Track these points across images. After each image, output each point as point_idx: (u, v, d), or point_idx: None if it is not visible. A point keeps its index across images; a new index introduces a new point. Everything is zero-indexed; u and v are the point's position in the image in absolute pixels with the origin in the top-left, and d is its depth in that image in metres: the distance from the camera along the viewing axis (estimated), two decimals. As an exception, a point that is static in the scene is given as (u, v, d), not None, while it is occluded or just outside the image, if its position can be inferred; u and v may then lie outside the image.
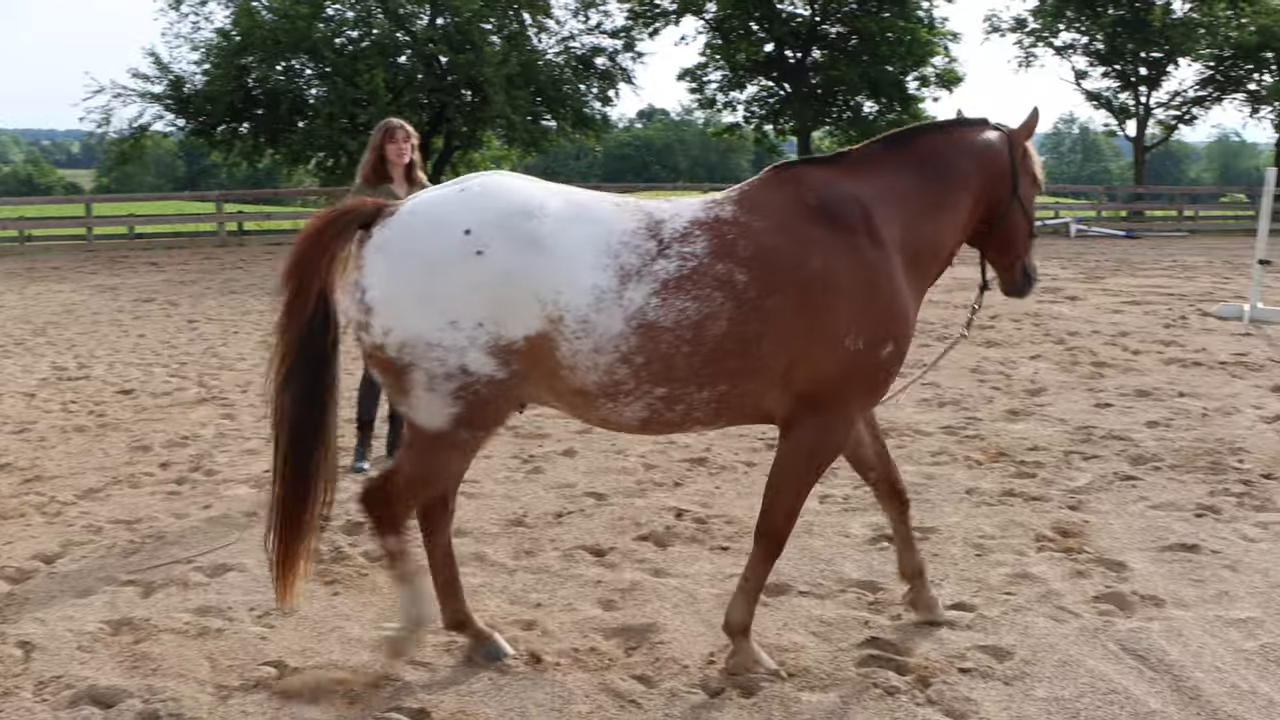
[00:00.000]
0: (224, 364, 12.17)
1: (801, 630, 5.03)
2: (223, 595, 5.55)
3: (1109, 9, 40.84)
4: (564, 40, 36.88)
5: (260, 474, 7.69)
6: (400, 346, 4.20)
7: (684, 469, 7.66)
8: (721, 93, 41.03)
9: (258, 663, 4.81)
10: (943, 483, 7.27)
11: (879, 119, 39.53)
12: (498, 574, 5.78)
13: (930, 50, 38.33)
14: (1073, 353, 12.01)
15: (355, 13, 34.30)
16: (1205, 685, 4.49)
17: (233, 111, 33.81)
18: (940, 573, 5.68)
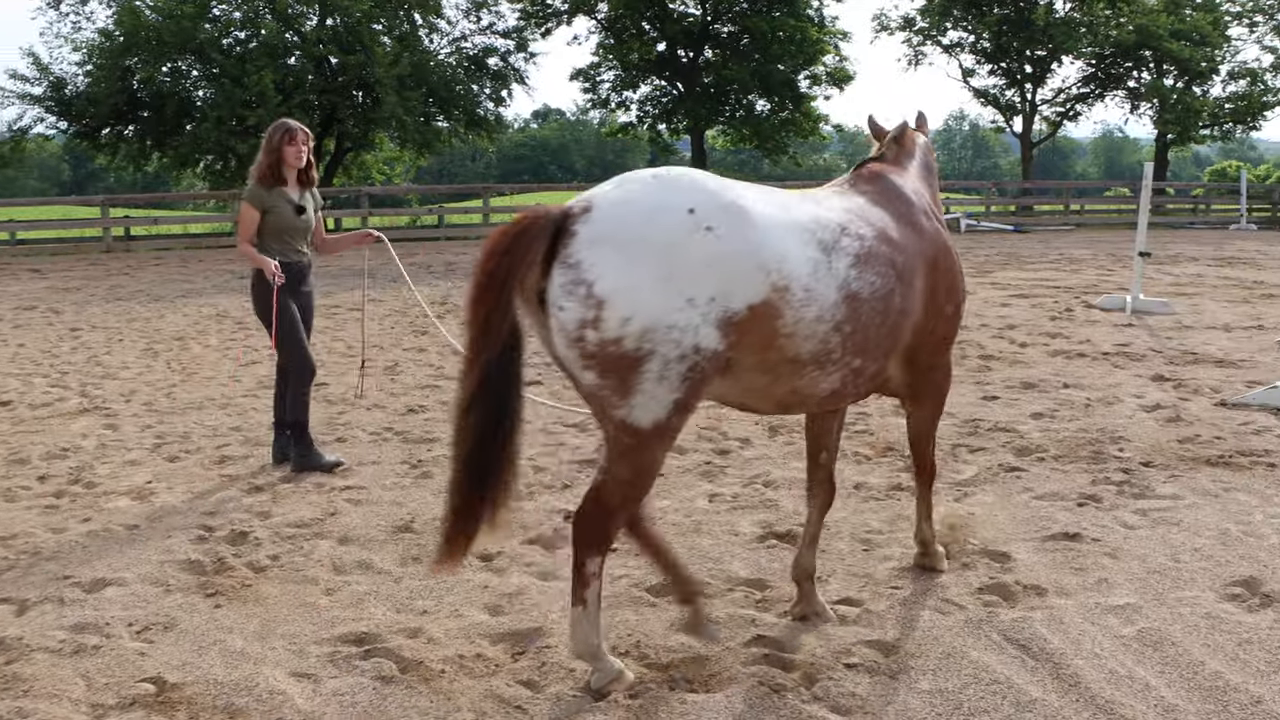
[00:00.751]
0: (108, 373, 11.88)
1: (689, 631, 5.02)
2: (100, 611, 5.39)
3: (994, 8, 41.67)
4: (456, 41, 36.73)
5: (142, 485, 7.50)
6: (642, 334, 4.06)
7: (572, 470, 7.63)
8: (615, 92, 41.08)
9: (135, 680, 4.68)
10: (832, 478, 7.32)
11: (771, 117, 39.87)
12: (384, 581, 5.70)
13: (821, 49, 38.73)
14: (960, 346, 12.19)
15: (242, 13, 33.75)
16: (1084, 672, 4.56)
17: (117, 114, 33.13)
18: (828, 568, 5.72)
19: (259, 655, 4.87)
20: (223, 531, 6.52)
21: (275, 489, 7.36)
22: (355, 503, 7.00)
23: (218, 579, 5.78)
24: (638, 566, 5.77)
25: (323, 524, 6.60)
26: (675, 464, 7.72)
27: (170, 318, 16.20)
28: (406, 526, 6.53)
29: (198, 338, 14.18)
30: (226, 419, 9.49)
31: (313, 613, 5.32)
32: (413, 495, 7.15)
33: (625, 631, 5.01)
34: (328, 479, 7.52)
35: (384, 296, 17.13)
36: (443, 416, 9.37)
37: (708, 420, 8.96)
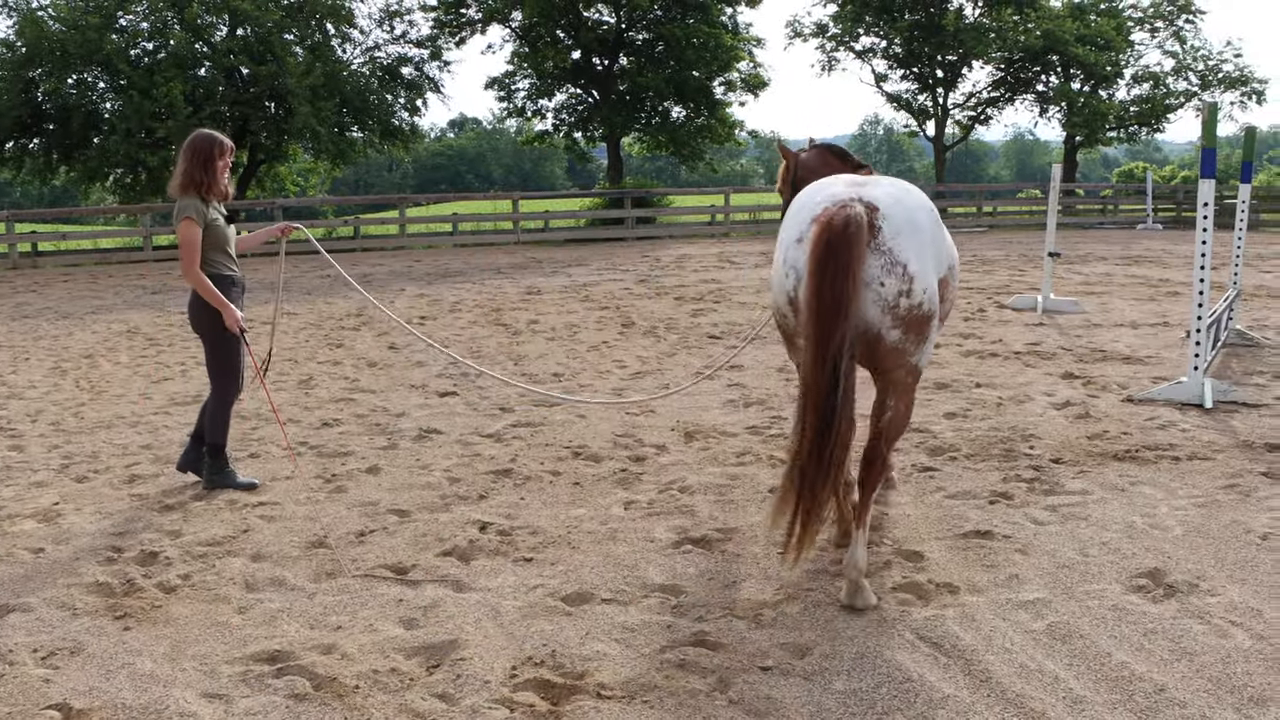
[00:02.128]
0: (13, 392, 11.61)
1: (604, 638, 5.02)
2: (3, 638, 5.27)
3: (905, 14, 42.18)
4: (369, 50, 36.45)
5: (49, 508, 7.35)
6: (931, 298, 5.34)
7: (488, 481, 7.59)
8: (530, 101, 40.90)
9: (40, 707, 4.57)
10: (746, 483, 7.36)
11: (687, 123, 39.98)
12: (298, 598, 5.63)
13: (735, 56, 38.88)
14: (875, 349, 12.31)
15: (150, 24, 33.20)
16: (995, 667, 4.63)
17: (21, 127, 32.42)
18: (742, 573, 5.75)
19: (169, 677, 4.79)
20: (132, 552, 6.40)
21: (186, 507, 7.24)
22: (268, 519, 6.90)
23: (127, 600, 5.68)
24: (553, 576, 5.77)
25: (235, 541, 6.51)
26: (590, 472, 7.72)
27: (79, 335, 15.88)
28: (320, 542, 6.45)
29: (108, 355, 13.91)
30: (137, 437, 9.33)
31: (224, 632, 5.24)
32: (326, 510, 7.07)
33: (540, 641, 4.99)
34: (240, 496, 7.41)
35: (298, 309, 16.95)
36: (357, 429, 9.29)
37: (623, 428, 8.98)
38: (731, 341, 13.19)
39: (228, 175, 7.48)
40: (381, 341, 14.14)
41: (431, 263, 26.33)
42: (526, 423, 9.27)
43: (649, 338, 13.62)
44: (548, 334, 14.27)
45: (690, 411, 9.50)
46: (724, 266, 23.01)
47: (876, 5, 42.25)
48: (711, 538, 6.27)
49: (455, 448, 8.52)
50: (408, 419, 9.57)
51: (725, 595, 5.48)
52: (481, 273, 23.31)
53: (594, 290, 19.25)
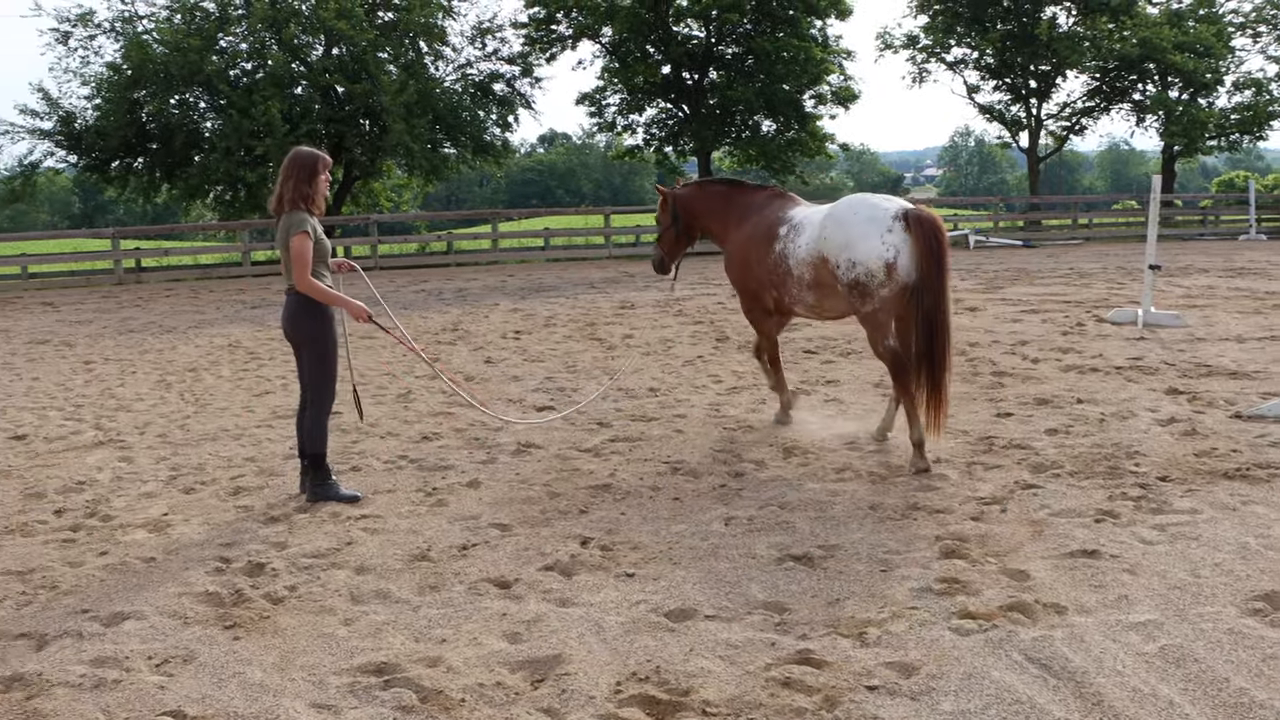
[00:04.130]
0: (121, 405, 11.90)
1: (708, 655, 5.01)
2: (119, 645, 5.40)
3: (997, 24, 41.73)
4: (461, 68, 36.85)
5: (159, 518, 7.52)
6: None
7: (588, 496, 7.62)
8: (621, 115, 41.08)
9: (155, 713, 4.68)
10: (846, 499, 7.31)
11: (777, 137, 39.89)
12: (402, 610, 5.70)
13: (825, 68, 38.74)
14: (973, 363, 12.19)
15: (249, 44, 33.92)
16: (1107, 690, 4.54)
17: (126, 146, 33.27)
18: (845, 590, 5.71)
19: (279, 687, 4.87)
20: (240, 563, 6.53)
21: (291, 519, 7.37)
22: (371, 531, 7.00)
23: (236, 611, 5.79)
24: (655, 592, 5.77)
25: (339, 554, 6.61)
26: (690, 487, 7.72)
27: (182, 349, 16.24)
28: (423, 555, 6.53)
29: (210, 368, 14.21)
30: (241, 450, 9.51)
31: (331, 643, 5.32)
32: (429, 523, 7.14)
33: (644, 657, 4.99)
34: (343, 508, 7.53)
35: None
36: (456, 443, 9.39)
37: (721, 443, 8.96)
38: (826, 356, 13.12)
39: (325, 189, 7.69)
40: (478, 356, 14.27)
41: (524, 277, 26.54)
42: (624, 438, 9.30)
43: (743, 353, 13.58)
44: (643, 349, 14.30)
45: (788, 427, 9.46)
46: (816, 280, 22.88)
47: (968, 16, 41.87)
48: (813, 554, 6.23)
49: (554, 462, 8.58)
50: (506, 433, 9.64)
51: (829, 613, 5.44)
52: (574, 287, 23.44)
53: (687, 304, 19.25)
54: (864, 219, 8.26)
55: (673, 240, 10.28)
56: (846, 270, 8.27)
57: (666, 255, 10.34)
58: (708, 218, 10.00)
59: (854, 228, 8.27)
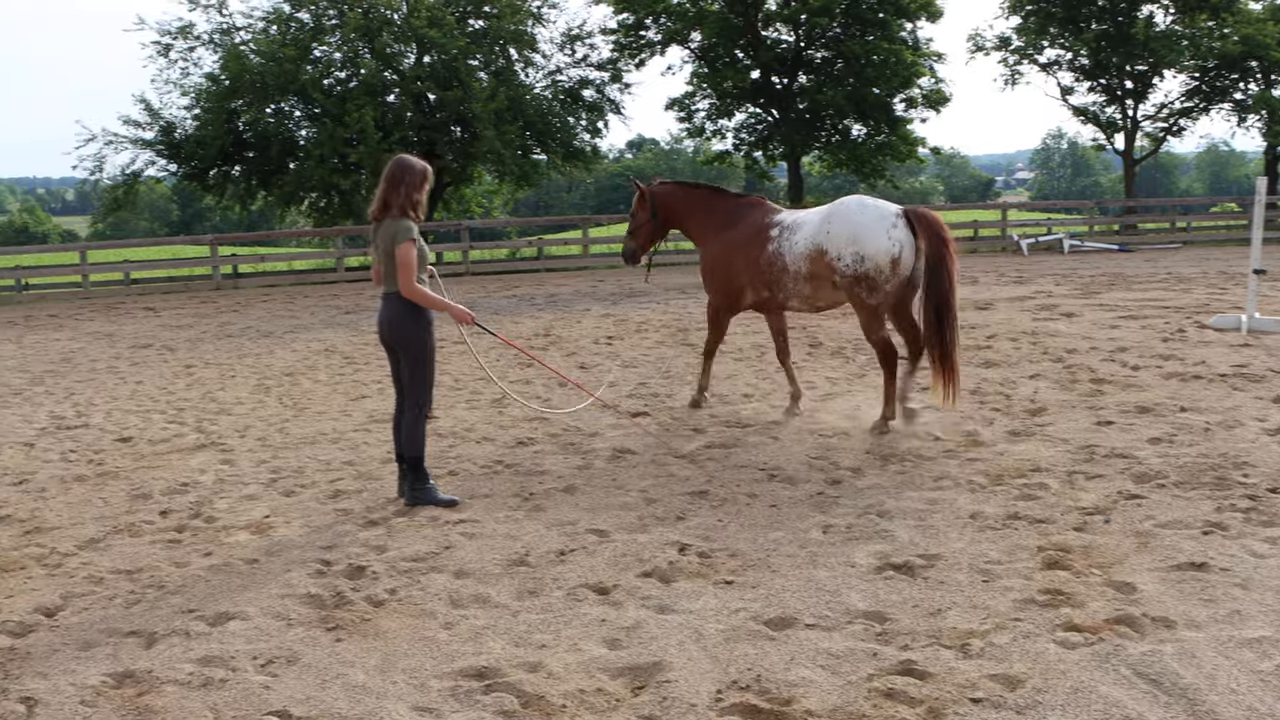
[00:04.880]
0: (222, 409, 12.13)
1: (809, 664, 4.97)
2: (225, 645, 5.50)
3: (1091, 24, 40.99)
4: (551, 74, 37.02)
5: (260, 520, 7.65)
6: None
7: (685, 502, 7.62)
8: (710, 120, 41.06)
9: (261, 713, 4.76)
10: (946, 508, 7.22)
11: (867, 141, 39.63)
12: (501, 615, 5.73)
13: (916, 71, 38.35)
14: (1071, 370, 11.99)
15: (343, 54, 34.41)
16: (1221, 709, 4.43)
17: (224, 155, 33.90)
18: (947, 600, 5.64)
19: (381, 689, 4.93)
20: (340, 565, 6.61)
21: (390, 523, 7.45)
22: (469, 536, 7.06)
23: (337, 613, 5.87)
24: (755, 599, 5.75)
25: (438, 557, 6.67)
26: (786, 494, 7.68)
27: (280, 353, 16.51)
28: (521, 559, 6.56)
29: (307, 373, 14.43)
30: (339, 453, 9.64)
31: (432, 647, 5.37)
32: (526, 528, 7.18)
33: (745, 665, 4.97)
34: (441, 512, 7.60)
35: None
36: (552, 448, 9.43)
37: (818, 450, 8.91)
38: (920, 362, 12.97)
39: None
40: (571, 361, 14.33)
41: (615, 282, 26.59)
42: (720, 444, 9.28)
43: (837, 358, 13.50)
44: (735, 354, 14.27)
45: (884, 435, 9.38)
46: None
47: (1061, 16, 41.13)
48: (914, 564, 6.16)
49: (650, 468, 8.58)
50: (600, 439, 9.67)
51: (931, 623, 5.37)
52: (665, 292, 23.43)
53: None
54: (871, 217, 9.28)
55: (648, 234, 11.14)
56: (854, 264, 9.24)
57: (639, 248, 11.24)
58: (688, 217, 10.89)
59: (861, 225, 9.26)
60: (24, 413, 12.47)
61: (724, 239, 10.38)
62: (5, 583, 6.65)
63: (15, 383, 14.81)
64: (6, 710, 4.89)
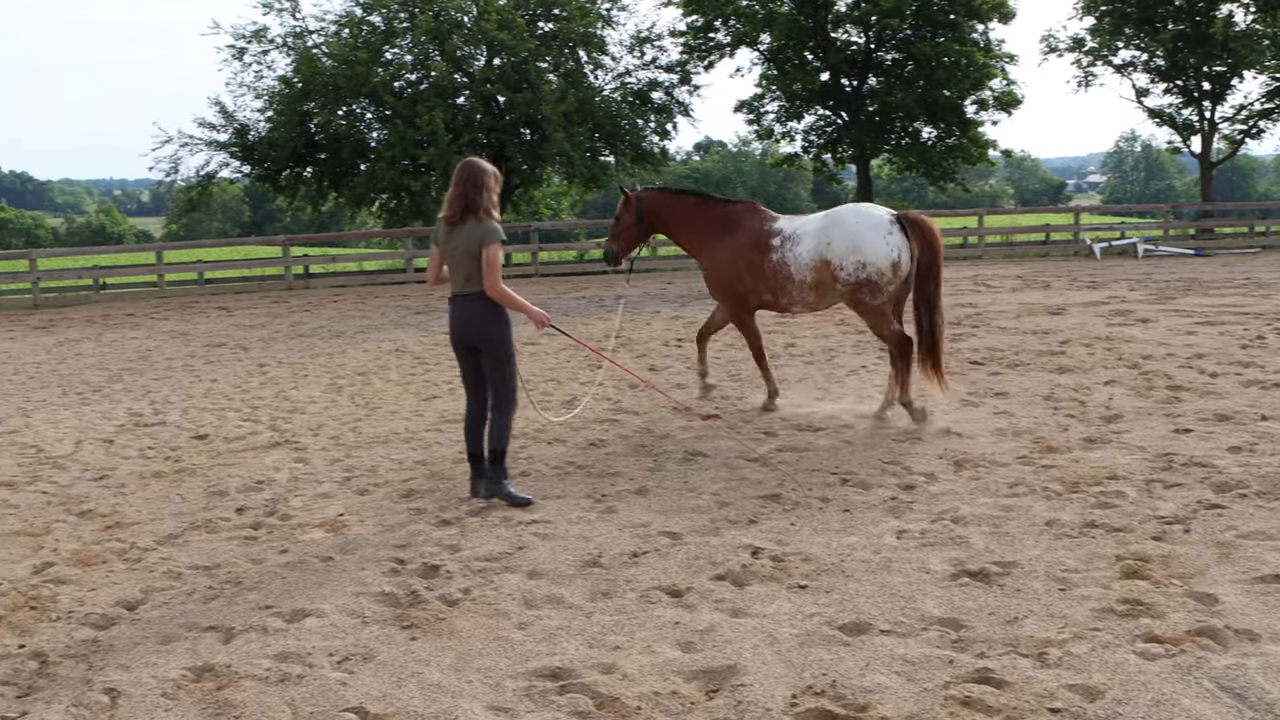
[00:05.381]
0: (295, 407, 12.28)
1: (885, 670, 4.94)
2: (302, 641, 5.56)
3: (1168, 24, 40.35)
4: (620, 76, 37.08)
5: (335, 518, 7.73)
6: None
7: (757, 505, 7.59)
8: (779, 123, 40.95)
9: (339, 709, 4.81)
10: (1021, 515, 7.14)
11: (938, 143, 39.32)
12: (575, 616, 5.75)
13: (987, 73, 37.97)
14: (1147, 377, 11.81)
15: (413, 56, 34.72)
16: (1307, 722, 4.35)
17: (296, 157, 34.32)
18: (1023, 609, 5.57)
19: (456, 688, 4.96)
20: (414, 564, 6.66)
21: (463, 523, 7.50)
22: (542, 537, 7.08)
23: (412, 611, 5.91)
24: (829, 605, 5.72)
25: (511, 558, 6.70)
26: (859, 499, 7.64)
27: (351, 353, 16.67)
28: (594, 561, 6.58)
29: (379, 373, 14.56)
30: (411, 453, 9.72)
31: (506, 647, 5.39)
32: (598, 530, 7.20)
33: (820, 670, 4.94)
34: (514, 513, 7.64)
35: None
36: (623, 450, 9.45)
37: (890, 455, 8.84)
38: (994, 368, 12.86)
39: None
40: (641, 363, 14.35)
41: (684, 285, 26.56)
42: (791, 447, 9.25)
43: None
44: (805, 358, 14.21)
45: (957, 440, 9.30)
46: (979, 290, 22.48)
47: (1137, 16, 40.54)
48: (989, 571, 6.10)
49: (722, 471, 8.57)
50: (672, 441, 9.67)
51: (1007, 631, 5.31)
52: (732, 295, 23.35)
53: (848, 313, 19.00)
54: (867, 225, 9.92)
55: (631, 238, 11.39)
56: (856, 271, 9.87)
57: (621, 251, 11.46)
58: (677, 224, 11.20)
59: (859, 234, 9.90)
60: (103, 409, 12.69)
61: (725, 244, 10.75)
62: (88, 576, 6.78)
63: (94, 380, 15.09)
64: (91, 700, 4.98)
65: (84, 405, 13.05)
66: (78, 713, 4.89)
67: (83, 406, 12.97)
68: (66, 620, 6.05)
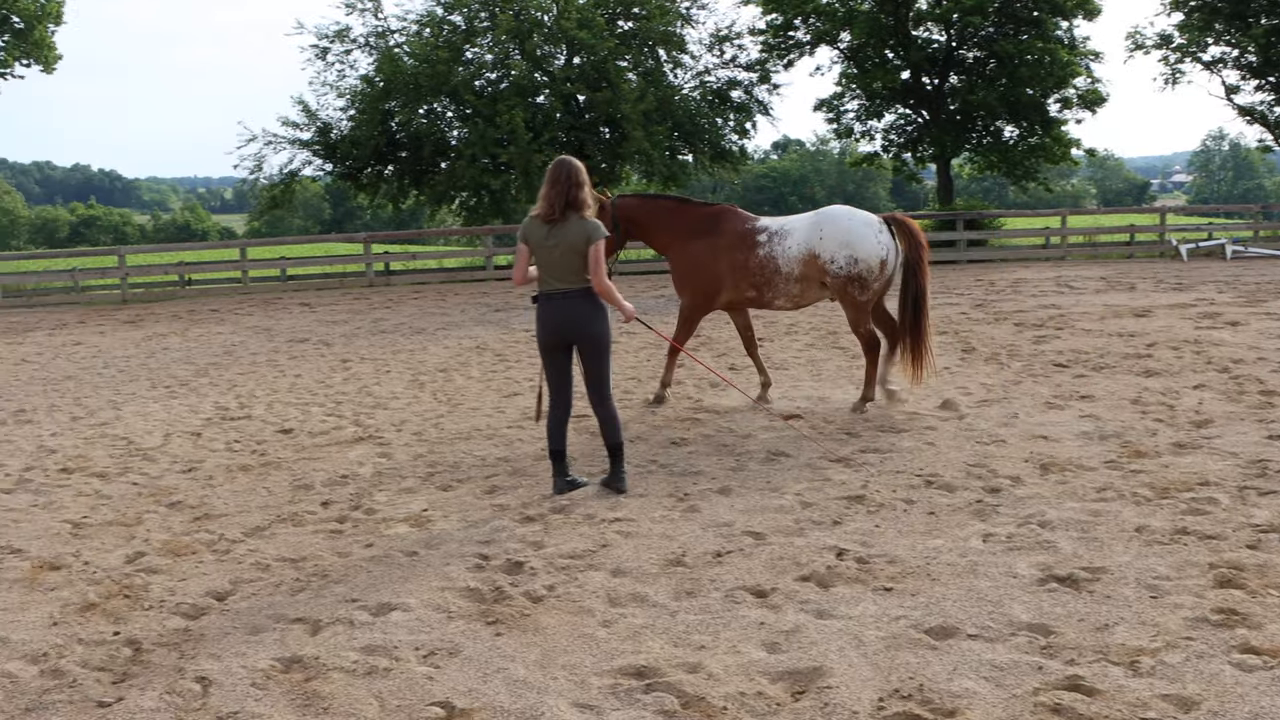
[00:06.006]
0: (378, 403, 12.41)
1: (973, 675, 4.88)
2: (388, 635, 5.62)
3: (1261, 19, 39.47)
4: (699, 75, 37.02)
5: (419, 513, 7.80)
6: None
7: (841, 506, 7.55)
8: (859, 121, 40.65)
9: (425, 703, 4.85)
10: (1110, 520, 7.02)
11: (1020, 143, 38.80)
12: (660, 614, 5.75)
13: (1071, 71, 37.37)
14: (1238, 381, 11.56)
15: (494, 55, 34.93)
16: None
17: (378, 155, 34.64)
18: (1114, 616, 5.48)
19: (542, 685, 4.98)
20: (498, 560, 6.70)
21: (546, 520, 7.53)
22: (625, 535, 7.09)
23: (497, 607, 5.95)
24: (915, 607, 5.67)
25: (595, 555, 6.72)
26: (944, 501, 7.56)
27: (433, 350, 16.82)
28: (678, 560, 6.57)
29: (460, 369, 14.67)
30: (494, 449, 9.78)
31: (591, 644, 5.41)
32: (682, 528, 7.19)
33: (906, 674, 4.90)
34: (598, 510, 7.66)
35: (634, 328, 17.34)
36: (705, 449, 9.43)
37: (975, 457, 8.75)
38: (1079, 370, 12.67)
39: None
40: (721, 362, 14.32)
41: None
42: (874, 449, 9.18)
43: (991, 364, 13.25)
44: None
45: (1043, 443, 9.17)
46: (1063, 291, 22.16)
47: (1229, 11, 39.63)
48: (1078, 576, 6.00)
49: (804, 471, 8.53)
50: (754, 440, 9.64)
51: (1098, 638, 5.23)
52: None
53: (930, 314, 18.81)
54: (861, 222, 10.67)
55: (609, 246, 10.96)
56: (848, 265, 10.53)
57: None
58: (655, 229, 11.43)
59: (852, 231, 10.59)
60: (190, 403, 12.92)
61: (704, 244, 11.06)
62: (178, 566, 6.90)
63: (181, 374, 15.35)
64: (184, 688, 5.07)
65: (172, 399, 13.29)
66: (171, 700, 4.98)
67: (171, 400, 13.21)
68: (158, 609, 6.16)
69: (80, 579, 6.70)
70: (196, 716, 4.82)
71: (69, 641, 5.72)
